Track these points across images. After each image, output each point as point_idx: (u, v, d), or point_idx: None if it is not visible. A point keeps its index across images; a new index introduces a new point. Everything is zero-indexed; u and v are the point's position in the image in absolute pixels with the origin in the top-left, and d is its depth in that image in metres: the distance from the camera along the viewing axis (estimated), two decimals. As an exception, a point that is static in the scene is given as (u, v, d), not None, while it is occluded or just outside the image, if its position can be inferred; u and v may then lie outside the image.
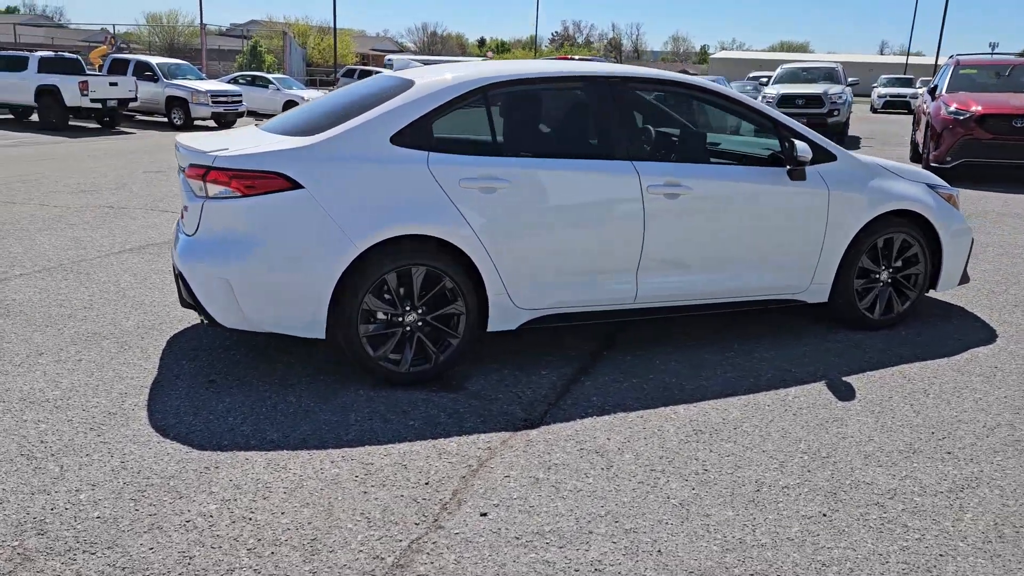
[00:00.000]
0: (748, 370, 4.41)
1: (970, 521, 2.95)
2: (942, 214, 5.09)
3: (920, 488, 3.18)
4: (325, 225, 3.85)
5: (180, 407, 3.80)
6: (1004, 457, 3.46)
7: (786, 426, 3.73)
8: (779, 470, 3.31)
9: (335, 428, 3.62)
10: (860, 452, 3.48)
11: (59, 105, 19.22)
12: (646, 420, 3.76)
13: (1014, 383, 4.29)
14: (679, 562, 2.68)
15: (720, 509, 3.01)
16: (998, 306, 5.72)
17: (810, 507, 3.03)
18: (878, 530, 2.88)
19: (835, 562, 2.69)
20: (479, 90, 4.23)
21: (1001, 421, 3.82)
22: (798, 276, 4.82)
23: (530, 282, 4.23)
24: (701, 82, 4.81)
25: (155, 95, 21.40)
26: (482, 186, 4.07)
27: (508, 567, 2.64)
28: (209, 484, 3.11)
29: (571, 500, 3.05)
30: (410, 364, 4.09)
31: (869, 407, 3.95)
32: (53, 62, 19.98)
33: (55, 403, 3.80)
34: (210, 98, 21.28)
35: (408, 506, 3.00)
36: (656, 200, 4.38)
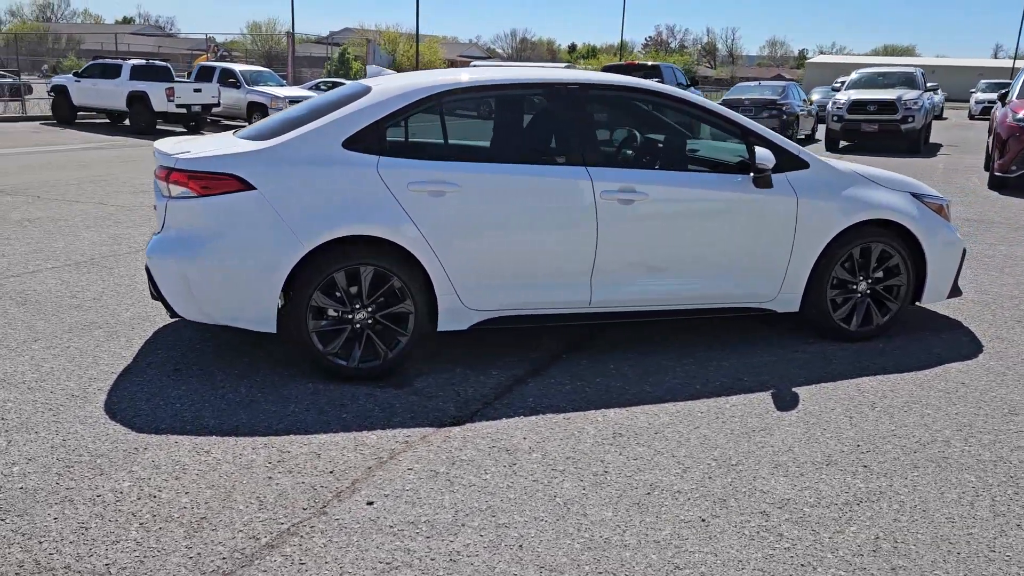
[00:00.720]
0: (698, 377, 4.40)
1: (851, 534, 2.92)
2: (926, 224, 4.95)
3: (816, 499, 3.15)
4: (275, 225, 4.06)
5: (137, 392, 4.06)
6: (921, 473, 3.38)
7: (709, 433, 3.72)
8: (680, 475, 3.33)
9: (270, 417, 3.81)
10: (772, 461, 3.45)
11: (148, 110, 20.27)
12: (570, 422, 3.82)
13: (973, 400, 4.15)
14: (535, 557, 2.75)
15: (600, 510, 3.06)
16: (998, 321, 5.50)
17: (692, 512, 3.04)
18: (750, 537, 2.88)
19: (690, 565, 2.71)
20: (433, 97, 4.37)
21: (938, 438, 3.72)
22: (765, 285, 4.77)
23: (480, 284, 4.34)
24: (662, 88, 4.82)
25: (237, 101, 22.34)
26: (431, 189, 4.20)
27: (369, 553, 2.76)
28: (132, 463, 3.34)
29: (459, 494, 3.15)
30: (359, 360, 4.25)
31: (805, 418, 3.90)
32: (144, 70, 21.09)
33: (29, 384, 4.12)
34: (288, 103, 22.02)
35: (304, 492, 3.16)
36: (610, 206, 4.42)
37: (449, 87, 4.42)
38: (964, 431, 3.79)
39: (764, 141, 4.72)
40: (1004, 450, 3.60)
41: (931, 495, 3.20)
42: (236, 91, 22.36)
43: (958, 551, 2.82)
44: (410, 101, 4.32)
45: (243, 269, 4.08)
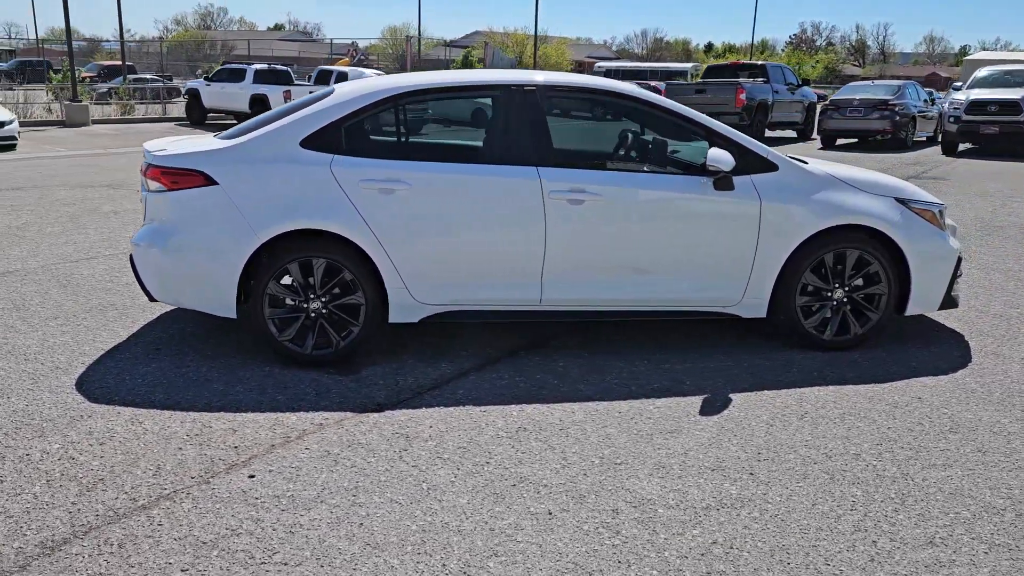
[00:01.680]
0: (641, 379, 4.41)
1: (689, 537, 2.91)
2: (909, 231, 4.74)
3: (677, 502, 3.15)
4: (235, 217, 4.38)
5: (111, 368, 4.48)
6: (807, 485, 3.30)
7: (614, 433, 3.75)
8: (556, 471, 3.39)
9: (214, 396, 4.13)
10: (659, 464, 3.46)
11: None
12: (484, 415, 3.93)
13: (918, 416, 3.97)
14: (367, 535, 2.91)
15: (457, 497, 3.17)
16: (1005, 338, 5.18)
17: (543, 505, 3.11)
18: (584, 532, 2.93)
19: (508, 553, 2.80)
20: (390, 99, 4.57)
21: (851, 451, 3.60)
22: (727, 289, 4.70)
23: (429, 279, 4.51)
24: (622, 89, 4.82)
25: (351, 102, 23.27)
26: (381, 187, 4.41)
27: (222, 520, 3.00)
28: (70, 429, 3.72)
29: (336, 474, 3.34)
30: (312, 348, 4.51)
31: (722, 424, 3.86)
32: (266, 73, 22.41)
33: (28, 356, 4.62)
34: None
35: (201, 463, 3.43)
36: (558, 206, 4.49)
37: (405, 89, 4.61)
38: (884, 446, 3.65)
39: (728, 143, 4.66)
40: (914, 468, 3.45)
41: (801, 506, 3.13)
42: (350, 93, 23.27)
43: (789, 561, 2.77)
44: (367, 103, 4.54)
45: (205, 257, 4.42)
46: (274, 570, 2.69)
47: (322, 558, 2.76)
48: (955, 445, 3.66)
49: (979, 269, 7.02)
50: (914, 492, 3.24)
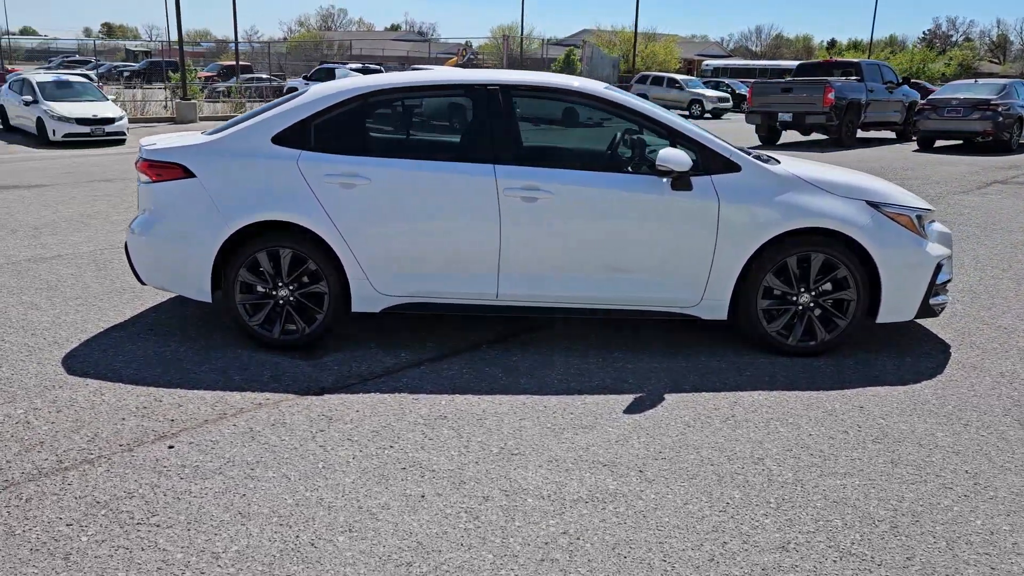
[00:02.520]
0: (587, 376, 4.47)
1: (543, 527, 3.00)
2: (879, 235, 4.61)
3: (549, 493, 3.23)
4: (209, 208, 4.69)
5: (101, 345, 4.88)
6: (689, 484, 3.32)
7: (528, 426, 3.85)
8: (449, 458, 3.53)
9: (179, 374, 4.45)
10: (552, 457, 3.54)
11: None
12: (415, 403, 4.10)
13: (844, 426, 3.89)
14: (244, 504, 3.12)
15: (343, 476, 3.35)
16: (997, 351, 4.96)
17: (417, 488, 3.26)
18: (445, 516, 3.06)
19: (351, 529, 2.95)
20: (359, 97, 4.79)
21: (756, 455, 3.58)
22: (685, 290, 4.70)
23: (389, 271, 4.70)
24: (584, 88, 4.86)
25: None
26: (342, 182, 4.64)
27: (126, 484, 3.28)
28: (38, 397, 4.11)
29: (246, 449, 3.58)
30: (280, 332, 4.78)
31: (640, 423, 3.89)
32: (359, 73, 23.16)
33: (35, 330, 5.08)
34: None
35: (134, 433, 3.74)
36: (512, 203, 4.61)
37: (372, 89, 4.82)
38: (793, 452, 3.60)
39: (690, 142, 4.65)
40: (811, 475, 3.40)
41: (671, 505, 3.15)
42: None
43: (626, 555, 2.81)
44: (335, 101, 4.77)
45: (183, 245, 4.76)
46: (145, 530, 2.93)
47: (192, 523, 2.99)
48: (869, 455, 3.57)
49: (1012, 280, 6.66)
50: (795, 498, 3.20)
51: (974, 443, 3.70)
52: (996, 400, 4.19)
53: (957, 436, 3.77)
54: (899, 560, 2.80)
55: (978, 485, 3.32)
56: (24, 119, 18.06)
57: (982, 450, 3.64)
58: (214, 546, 2.84)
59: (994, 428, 3.86)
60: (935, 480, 3.36)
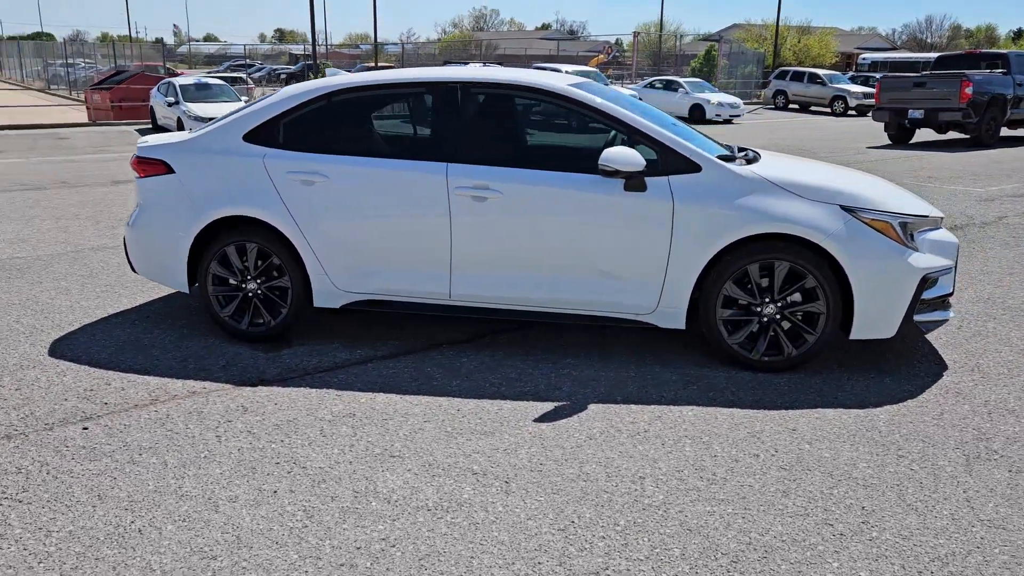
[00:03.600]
0: (523, 381, 4.38)
1: (366, 531, 2.97)
2: (851, 242, 4.24)
3: (399, 498, 3.19)
4: (186, 202, 4.94)
5: (95, 330, 5.23)
6: (546, 499, 3.18)
7: (427, 428, 3.82)
8: (328, 456, 3.55)
9: (144, 360, 4.70)
10: (428, 461, 3.49)
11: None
12: (337, 399, 4.15)
13: (756, 449, 3.62)
14: (112, 488, 3.27)
15: (216, 466, 3.44)
16: (998, 377, 4.45)
17: (277, 484, 3.30)
18: (278, 511, 3.08)
19: (184, 520, 3.03)
20: (323, 96, 4.89)
21: (637, 474, 3.39)
22: (639, 296, 4.51)
23: (347, 267, 4.78)
24: (547, 85, 4.69)
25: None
26: (303, 179, 4.76)
27: (20, 459, 3.51)
28: (9, 375, 4.46)
29: (153, 433, 3.75)
30: (248, 324, 4.97)
31: (541, 432, 3.77)
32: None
33: (50, 313, 5.51)
34: (604, 102, 22.97)
35: (64, 413, 3.99)
36: (462, 202, 4.57)
37: (336, 88, 4.90)
38: (682, 474, 3.38)
39: (650, 141, 4.45)
40: (684, 500, 3.19)
41: (513, 519, 3.04)
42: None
43: (429, 567, 2.74)
44: (301, 101, 4.89)
45: (162, 237, 5.02)
46: (6, 505, 3.13)
47: (51, 502, 3.16)
48: (764, 482, 3.30)
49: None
50: (647, 522, 3.01)
51: (895, 477, 3.34)
52: (957, 432, 3.76)
53: (881, 468, 3.41)
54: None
55: (865, 524, 3.00)
56: (168, 119, 19.53)
57: (899, 485, 3.27)
58: (52, 524, 2.99)
59: (932, 462, 3.46)
60: (819, 514, 3.06)
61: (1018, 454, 3.53)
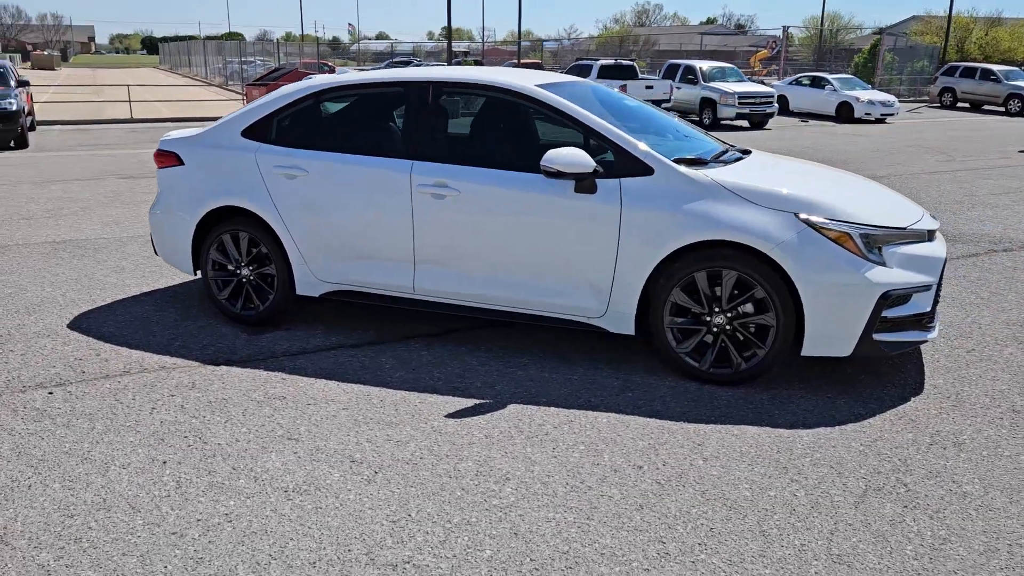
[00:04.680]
0: (464, 377, 4.44)
1: (186, 509, 3.17)
2: (801, 253, 4.03)
3: (261, 480, 3.36)
4: (191, 192, 5.35)
5: (117, 307, 5.74)
6: (391, 492, 3.26)
7: (338, 415, 3.97)
8: (230, 434, 3.77)
9: (140, 336, 5.13)
10: (315, 447, 3.65)
11: (604, 105, 22.44)
12: (280, 383, 4.38)
13: (637, 463, 3.52)
14: (17, 446, 3.65)
15: (123, 436, 3.74)
16: (971, 411, 4.09)
17: (168, 455, 3.56)
18: (156, 481, 3.34)
19: (62, 480, 3.34)
20: (312, 95, 5.15)
21: (510, 475, 3.40)
22: (588, 299, 4.47)
23: (323, 257, 5.03)
24: (510, 85, 4.69)
25: (693, 96, 23.37)
26: (286, 173, 5.04)
27: (-18, 416, 3.97)
28: (24, 342, 5.00)
29: (97, 402, 4.11)
30: (241, 308, 5.32)
31: (442, 428, 3.84)
32: (611, 69, 23.38)
33: (93, 289, 6.10)
34: (737, 100, 22.32)
35: (45, 378, 4.45)
36: (423, 199, 4.70)
37: (324, 87, 5.13)
38: (538, 480, 3.36)
39: (606, 143, 4.41)
40: (521, 505, 3.17)
41: (352, 508, 3.14)
42: (694, 87, 23.36)
43: (248, 544, 2.90)
44: (293, 99, 5.17)
45: (171, 224, 5.45)
46: (-59, 453, 3.55)
47: (-22, 454, 3.55)
48: (626, 495, 3.23)
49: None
50: (459, 519, 3.03)
51: (771, 503, 3.17)
52: (876, 462, 3.50)
53: (762, 492, 3.25)
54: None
55: (700, 545, 2.88)
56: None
57: (768, 510, 3.11)
58: (-38, 474, 3.37)
59: (823, 491, 3.26)
60: (660, 532, 2.97)
61: (927, 490, 3.25)
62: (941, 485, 3.30)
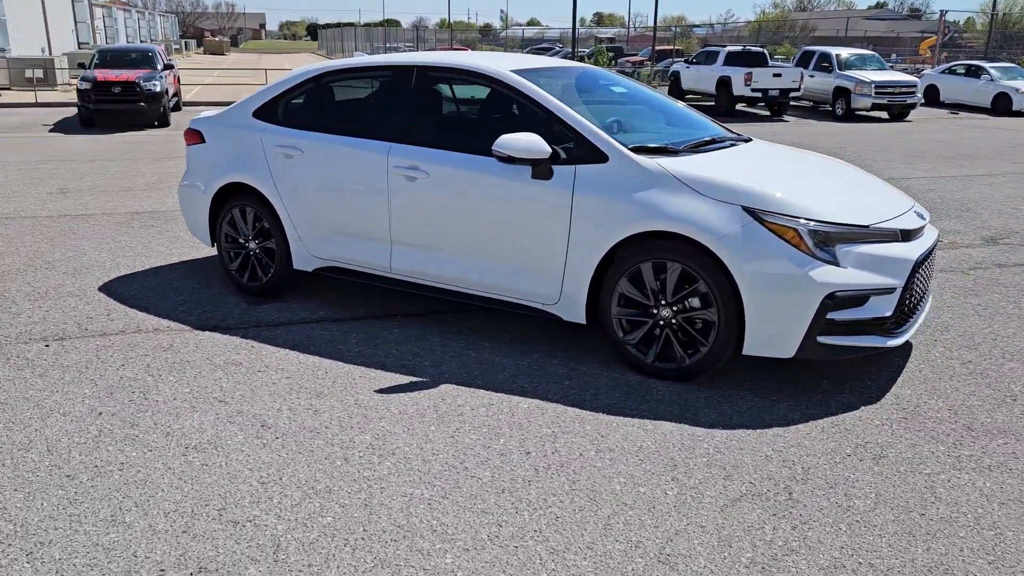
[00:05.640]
0: (418, 355, 4.55)
1: (98, 462, 3.45)
2: (743, 247, 3.88)
3: (202, 439, 3.62)
4: (210, 168, 5.73)
5: (149, 273, 6.22)
6: (302, 456, 3.43)
7: (276, 383, 4.17)
8: (169, 392, 4.06)
9: (157, 301, 5.56)
10: (236, 410, 3.86)
11: (728, 94, 21.79)
12: (247, 351, 4.63)
13: (530, 447, 3.53)
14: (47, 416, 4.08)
15: (79, 387, 4.10)
16: (925, 429, 3.84)
17: (100, 408, 3.89)
18: (50, 434, 3.66)
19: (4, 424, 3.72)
20: (313, 78, 5.39)
21: (394, 449, 3.50)
22: (543, 285, 4.49)
23: (315, 234, 5.28)
24: (484, 69, 4.70)
25: (826, 85, 22.27)
26: (285, 152, 5.32)
27: (-20, 362, 4.46)
28: (57, 298, 5.54)
29: (82, 357, 4.51)
30: (247, 279, 5.67)
31: (361, 401, 3.96)
32: (739, 55, 22.63)
33: (142, 255, 6.63)
34: (874, 89, 21.10)
35: (50, 332, 4.91)
36: (397, 180, 4.85)
37: (324, 70, 5.35)
38: (439, 455, 3.44)
39: (567, 129, 4.39)
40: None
41: (239, 467, 3.31)
42: (827, 75, 22.26)
43: (119, 493, 3.15)
44: (296, 82, 5.43)
45: (193, 198, 5.86)
46: (-73, 392, 4.03)
47: (-44, 394, 4.01)
48: (493, 476, 3.25)
49: None
50: (321, 487, 3.15)
51: (632, 497, 3.11)
52: (775, 468, 3.35)
53: (632, 487, 3.19)
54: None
55: (521, 530, 2.88)
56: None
57: (625, 505, 3.05)
58: (-68, 410, 3.82)
59: (696, 489, 3.16)
60: (492, 514, 2.98)
61: (809, 500, 3.09)
62: (829, 497, 3.12)
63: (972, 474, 3.29)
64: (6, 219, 8.02)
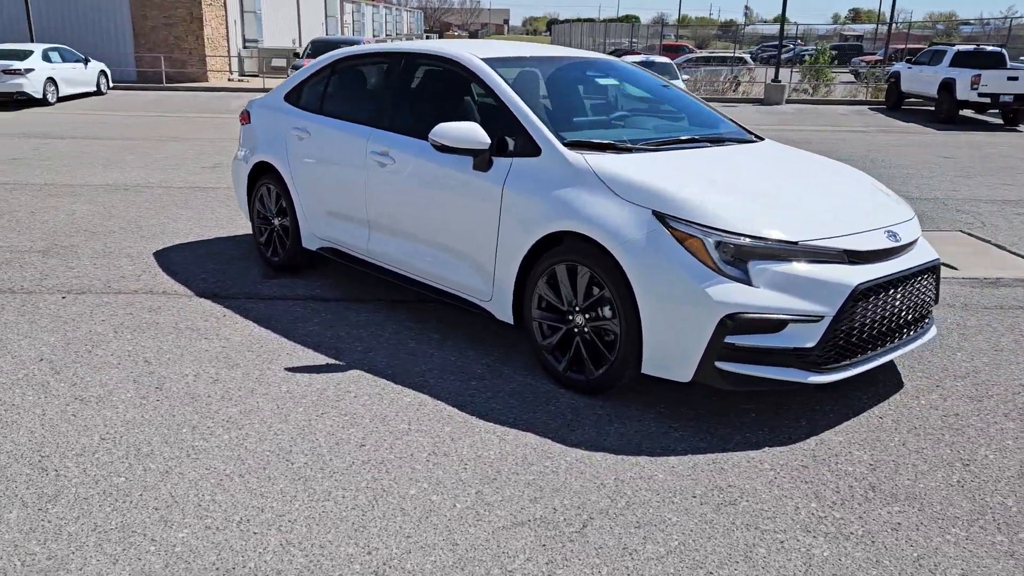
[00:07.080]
0: (360, 340, 4.57)
1: (24, 438, 3.81)
2: (644, 254, 3.53)
3: (123, 398, 3.94)
4: (251, 147, 6.13)
5: (202, 242, 6.73)
6: (192, 424, 3.63)
7: (220, 355, 4.39)
8: (124, 354, 4.40)
9: (190, 267, 6.02)
10: (163, 377, 4.11)
11: (950, 98, 19.50)
12: (217, 322, 4.89)
13: (373, 439, 3.46)
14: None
15: (47, 336, 4.54)
16: (870, 456, 3.34)
17: (48, 367, 4.29)
18: (9, 393, 4.08)
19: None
20: (330, 65, 5.58)
21: (243, 426, 3.59)
22: (480, 281, 4.37)
23: (315, 215, 5.49)
24: (456, 56, 4.62)
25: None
26: (298, 135, 5.57)
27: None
28: (106, 258, 6.18)
29: (79, 310, 5.01)
30: (271, 254, 6.01)
31: (277, 378, 4.05)
32: (969, 55, 20.34)
33: (210, 224, 7.23)
34: None
35: (77, 285, 5.51)
36: (372, 166, 4.93)
37: (339, 57, 5.51)
38: (315, 441, 3.48)
39: (512, 121, 4.23)
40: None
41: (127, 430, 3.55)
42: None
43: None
44: (318, 68, 5.64)
45: (238, 176, 6.28)
46: (-64, 326, 4.66)
47: (-46, 331, 4.60)
48: (335, 469, 3.23)
49: None
50: (185, 456, 3.27)
51: (444, 509, 2.97)
52: (598, 499, 3.04)
53: (449, 500, 3.04)
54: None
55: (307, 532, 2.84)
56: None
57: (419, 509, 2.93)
58: (-78, 342, 4.40)
59: (545, 507, 2.95)
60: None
61: (597, 537, 2.77)
62: (622, 538, 2.77)
63: (817, 539, 2.79)
64: (142, 187, 8.99)
